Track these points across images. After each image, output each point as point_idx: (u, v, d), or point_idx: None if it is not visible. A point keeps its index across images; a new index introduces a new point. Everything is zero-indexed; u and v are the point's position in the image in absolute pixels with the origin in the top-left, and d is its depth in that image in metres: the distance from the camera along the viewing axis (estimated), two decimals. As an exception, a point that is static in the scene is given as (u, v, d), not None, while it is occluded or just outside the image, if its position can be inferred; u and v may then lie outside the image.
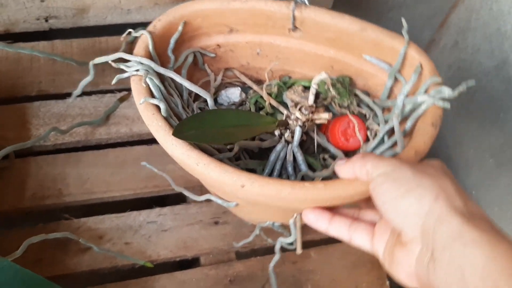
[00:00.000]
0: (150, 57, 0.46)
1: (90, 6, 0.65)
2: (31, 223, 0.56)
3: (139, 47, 0.46)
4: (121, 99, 0.63)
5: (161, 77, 0.46)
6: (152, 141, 0.62)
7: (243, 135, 0.45)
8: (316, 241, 0.60)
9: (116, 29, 0.67)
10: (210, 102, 0.49)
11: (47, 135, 0.58)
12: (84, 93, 0.61)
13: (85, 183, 0.59)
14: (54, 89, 0.64)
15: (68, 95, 0.61)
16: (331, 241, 0.60)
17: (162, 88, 0.44)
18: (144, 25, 0.68)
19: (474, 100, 0.90)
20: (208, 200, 0.51)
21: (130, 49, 0.65)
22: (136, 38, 0.48)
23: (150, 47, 0.46)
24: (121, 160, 0.60)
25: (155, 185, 0.59)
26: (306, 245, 0.50)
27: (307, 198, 0.39)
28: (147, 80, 0.43)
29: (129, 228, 0.57)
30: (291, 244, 0.49)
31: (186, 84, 0.46)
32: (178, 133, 0.40)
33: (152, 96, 0.43)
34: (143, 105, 0.42)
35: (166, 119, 0.42)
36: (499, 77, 0.83)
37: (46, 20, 0.65)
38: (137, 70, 0.44)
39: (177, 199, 0.61)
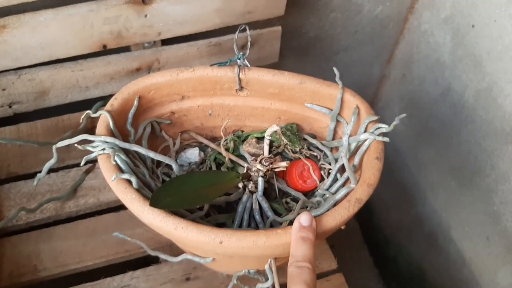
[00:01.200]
0: (112, 134, 0.49)
1: (50, 89, 0.68)
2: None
3: (100, 127, 0.49)
4: (87, 171, 0.66)
5: (125, 151, 0.49)
6: (119, 207, 0.65)
7: (213, 194, 0.48)
8: (285, 285, 0.62)
9: (77, 106, 0.71)
10: (175, 167, 0.52)
11: (15, 215, 0.60)
12: (51, 170, 0.64)
13: (58, 256, 0.61)
14: (23, 170, 0.67)
15: (36, 174, 0.64)
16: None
17: (129, 161, 0.47)
18: (102, 99, 0.73)
19: (427, 128, 0.95)
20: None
21: (91, 123, 0.69)
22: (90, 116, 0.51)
23: (111, 125, 0.49)
24: (91, 229, 0.63)
25: (126, 250, 0.61)
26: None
27: (281, 243, 0.43)
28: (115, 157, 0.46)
29: (105, 295, 0.59)
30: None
31: (151, 154, 0.49)
32: (155, 203, 0.43)
33: (121, 171, 0.46)
34: (114, 181, 0.44)
35: (138, 190, 0.45)
36: (446, 104, 0.88)
37: (10, 106, 0.68)
38: (103, 149, 0.46)
39: (150, 260, 0.63)
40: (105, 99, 0.73)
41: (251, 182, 0.52)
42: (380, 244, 1.20)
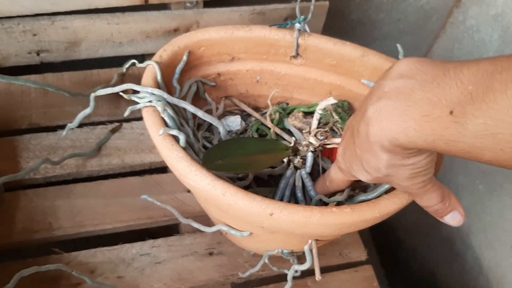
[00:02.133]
0: (158, 87, 0.45)
1: (82, 40, 0.64)
2: (21, 257, 0.54)
3: (147, 78, 0.45)
4: (113, 130, 0.62)
5: (171, 107, 0.45)
6: (144, 172, 0.61)
7: (265, 163, 0.45)
8: (312, 270, 0.59)
9: (107, 62, 0.67)
10: (222, 131, 0.49)
11: (38, 166, 0.56)
12: (75, 126, 0.60)
13: (76, 216, 0.57)
14: (45, 122, 0.63)
15: (60, 127, 0.60)
16: (328, 269, 0.59)
17: (176, 118, 0.43)
18: (135, 57, 0.68)
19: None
20: (201, 231, 0.50)
21: (122, 81, 0.65)
22: (127, 70, 0.47)
23: (159, 77, 0.45)
24: (113, 191, 0.59)
25: (149, 217, 0.58)
26: (302, 274, 0.49)
27: (336, 223, 0.39)
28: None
29: (122, 261, 0.55)
30: (297, 272, 0.48)
31: (200, 113, 0.46)
32: (207, 163, 0.39)
33: (167, 127, 0.42)
34: (161, 136, 0.41)
35: (184, 149, 0.41)
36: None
37: (38, 54, 0.64)
38: (150, 101, 0.43)
39: (170, 230, 0.59)
40: (137, 58, 0.69)
41: (297, 157, 0.49)
42: (392, 245, 1.17)
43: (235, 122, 0.53)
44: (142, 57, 0.70)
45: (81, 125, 0.63)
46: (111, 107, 0.65)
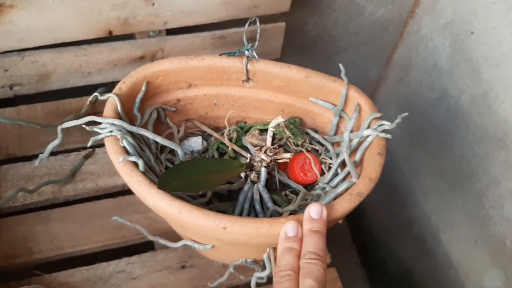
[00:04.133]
0: (119, 117, 0.49)
1: (52, 72, 0.68)
2: (5, 281, 0.57)
3: (108, 109, 0.49)
4: (86, 156, 0.66)
5: (131, 134, 0.49)
6: (117, 194, 0.65)
7: (218, 181, 0.49)
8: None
9: (79, 91, 0.71)
10: (180, 153, 0.53)
11: (14, 195, 0.60)
12: (50, 154, 0.63)
13: (54, 239, 0.61)
14: (21, 152, 0.66)
15: (35, 156, 0.64)
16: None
17: (136, 145, 0.47)
18: (104, 85, 0.73)
19: (422, 131, 0.96)
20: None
21: (92, 109, 0.68)
22: (97, 98, 0.52)
23: (119, 108, 0.49)
24: (89, 214, 0.63)
25: (123, 236, 0.62)
26: (269, 280, 0.53)
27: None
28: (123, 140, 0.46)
29: (99, 279, 0.59)
30: (263, 278, 0.52)
31: (158, 139, 0.50)
32: (162, 185, 0.43)
33: (128, 153, 0.46)
34: (121, 163, 0.45)
35: (144, 173, 0.45)
36: (441, 108, 0.90)
37: (11, 88, 0.68)
38: (111, 131, 0.47)
39: (145, 247, 0.63)
40: (106, 85, 0.73)
41: (253, 172, 0.53)
42: (369, 244, 1.21)
43: (196, 143, 0.57)
44: (112, 84, 0.74)
45: (55, 153, 0.67)
46: (83, 134, 0.68)
